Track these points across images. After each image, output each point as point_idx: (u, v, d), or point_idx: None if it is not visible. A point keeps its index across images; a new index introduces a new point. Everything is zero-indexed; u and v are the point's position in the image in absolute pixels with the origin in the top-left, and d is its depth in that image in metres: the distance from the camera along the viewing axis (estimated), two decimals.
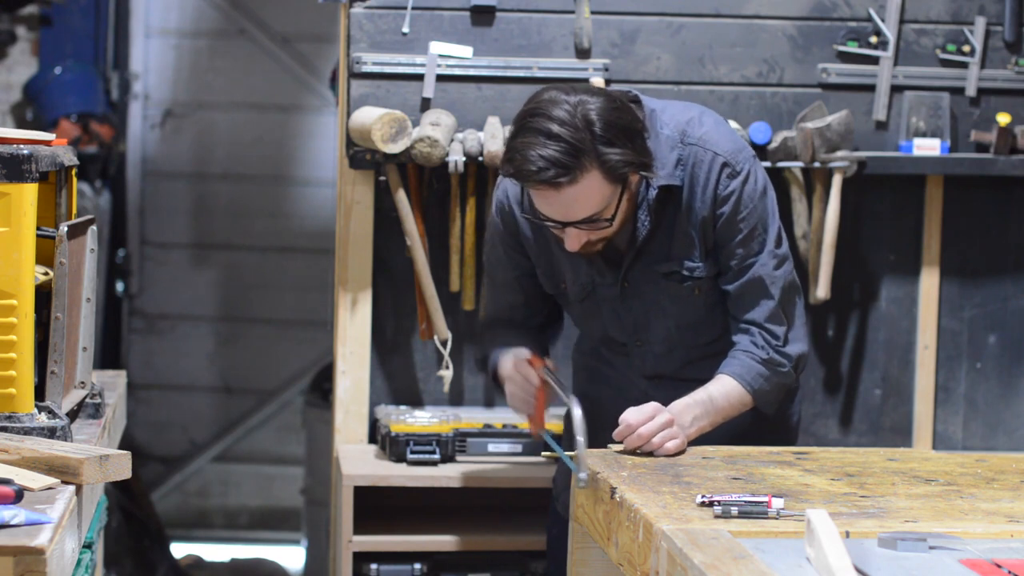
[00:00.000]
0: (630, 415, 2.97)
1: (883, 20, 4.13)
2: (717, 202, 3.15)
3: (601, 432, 3.15)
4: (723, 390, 3.14)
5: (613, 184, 2.99)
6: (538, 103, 2.98)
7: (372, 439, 4.12)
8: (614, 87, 4.03)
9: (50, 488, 2.35)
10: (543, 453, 3.17)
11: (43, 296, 2.71)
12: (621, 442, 2.99)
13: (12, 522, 2.12)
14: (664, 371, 3.31)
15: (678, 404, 3.08)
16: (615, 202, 3.02)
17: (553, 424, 3.94)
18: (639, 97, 3.17)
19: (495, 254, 3.37)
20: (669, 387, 3.19)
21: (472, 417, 4.06)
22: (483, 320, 3.49)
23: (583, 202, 2.99)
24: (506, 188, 3.28)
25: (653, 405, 3.00)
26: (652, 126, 3.14)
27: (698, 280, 3.20)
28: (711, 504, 2.46)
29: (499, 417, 4.06)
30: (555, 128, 2.93)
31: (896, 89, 4.15)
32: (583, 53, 4.05)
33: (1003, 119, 4.13)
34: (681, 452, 3.00)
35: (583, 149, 2.93)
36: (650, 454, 2.97)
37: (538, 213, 3.06)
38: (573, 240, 3.07)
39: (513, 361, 3.22)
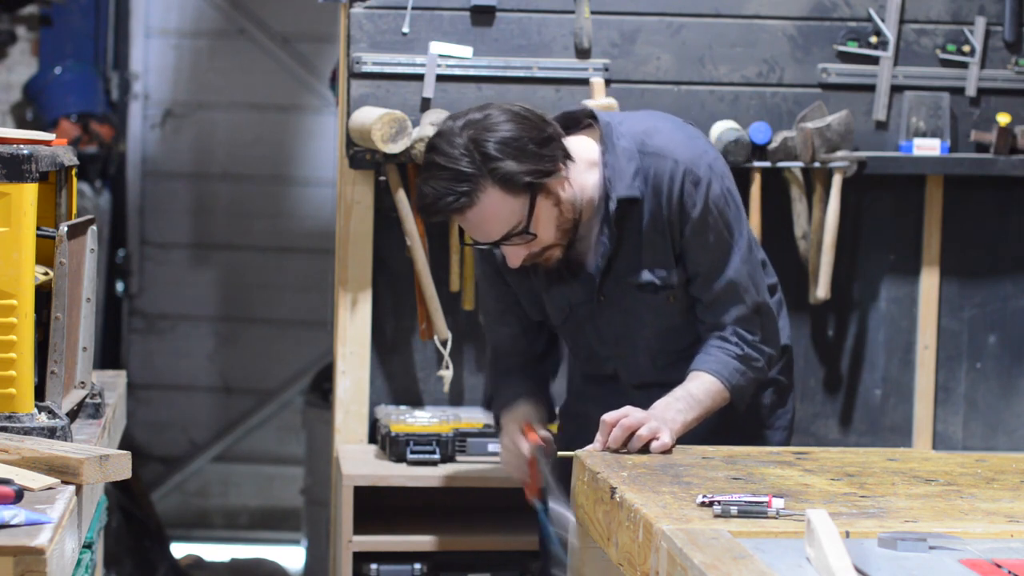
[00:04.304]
0: (606, 416, 2.99)
1: (883, 20, 4.13)
2: (683, 210, 3.15)
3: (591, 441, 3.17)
4: (703, 386, 3.14)
5: (518, 196, 3.02)
6: (433, 138, 3.06)
7: (372, 439, 4.11)
8: (614, 87, 4.04)
9: (50, 488, 2.35)
10: (560, 453, 3.16)
11: (43, 296, 2.71)
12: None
13: (12, 522, 2.12)
14: (649, 379, 3.32)
15: (660, 402, 3.10)
16: (527, 212, 3.03)
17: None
18: (595, 113, 3.19)
19: (483, 288, 3.42)
20: (657, 394, 3.19)
21: (472, 417, 4.06)
22: (488, 353, 3.51)
23: (492, 221, 3.03)
24: None
25: (627, 407, 3.01)
26: (608, 139, 3.15)
27: (672, 288, 3.21)
28: (711, 504, 2.46)
29: None
30: (441, 159, 3.00)
31: (896, 89, 4.15)
32: (583, 53, 4.05)
33: (1003, 119, 4.13)
34: (669, 451, 3.00)
35: (471, 172, 2.98)
36: (645, 451, 2.97)
37: (471, 239, 3.12)
38: (512, 257, 3.11)
39: (509, 429, 3.26)
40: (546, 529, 3.14)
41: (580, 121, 3.22)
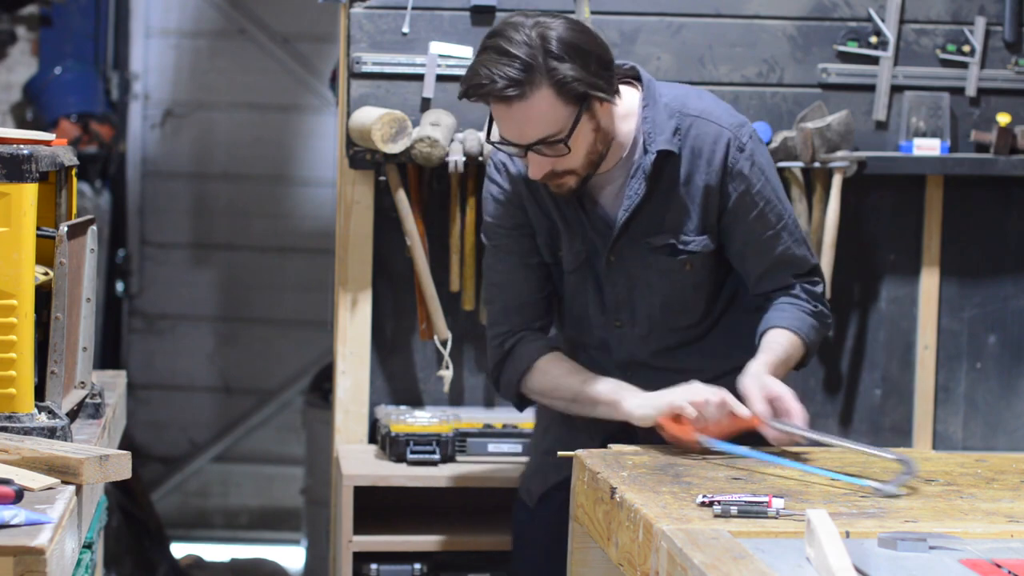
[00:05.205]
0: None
1: (883, 20, 4.13)
2: (727, 175, 3.13)
3: (572, 427, 3.14)
4: (790, 348, 3.13)
5: (568, 104, 2.97)
6: (499, 25, 3.02)
7: (372, 439, 4.12)
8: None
9: (50, 488, 2.35)
10: (560, 453, 3.11)
11: (43, 296, 2.71)
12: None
13: (12, 522, 2.12)
14: (639, 357, 3.24)
15: (765, 367, 3.04)
16: (570, 124, 2.99)
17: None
18: (637, 68, 3.18)
19: (494, 232, 3.27)
20: (643, 375, 3.16)
21: (472, 417, 4.06)
22: (494, 335, 3.31)
23: (536, 121, 2.97)
24: (497, 153, 3.22)
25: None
26: (650, 95, 3.13)
27: (690, 255, 3.18)
28: (711, 504, 2.46)
29: (499, 417, 4.06)
30: (507, 46, 2.95)
31: (896, 89, 4.15)
32: None
33: (1003, 119, 4.13)
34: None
35: (533, 65, 2.93)
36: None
37: (501, 138, 3.05)
38: (535, 167, 3.04)
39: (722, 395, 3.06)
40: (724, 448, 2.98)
41: (622, 76, 3.19)
